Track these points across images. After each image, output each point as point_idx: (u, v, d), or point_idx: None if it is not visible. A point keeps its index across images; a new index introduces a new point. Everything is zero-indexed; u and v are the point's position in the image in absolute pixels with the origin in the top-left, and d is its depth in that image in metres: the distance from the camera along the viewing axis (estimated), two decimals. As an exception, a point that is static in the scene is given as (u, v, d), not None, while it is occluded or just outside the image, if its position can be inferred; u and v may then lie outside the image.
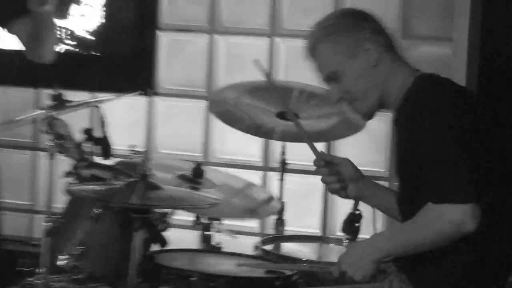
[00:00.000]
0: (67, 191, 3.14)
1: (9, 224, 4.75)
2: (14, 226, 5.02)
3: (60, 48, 4.94)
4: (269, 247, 3.55)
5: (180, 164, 3.82)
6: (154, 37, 4.96)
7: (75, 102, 3.29)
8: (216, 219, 3.67)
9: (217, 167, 4.64)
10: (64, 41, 5.01)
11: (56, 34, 3.39)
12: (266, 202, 3.77)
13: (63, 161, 3.37)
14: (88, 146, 3.43)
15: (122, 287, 3.19)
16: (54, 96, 3.20)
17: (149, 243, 3.23)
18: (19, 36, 3.31)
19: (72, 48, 5.04)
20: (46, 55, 3.31)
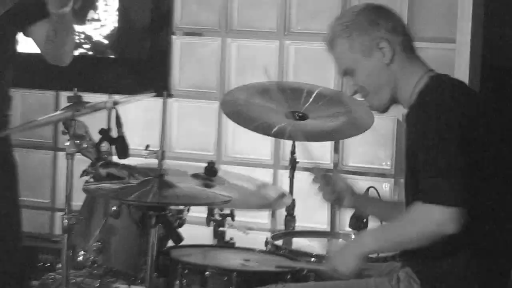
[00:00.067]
0: (85, 190, 3.16)
1: (30, 222, 4.83)
2: (35, 223, 5.08)
3: (78, 51, 4.94)
4: (279, 242, 3.55)
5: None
6: (168, 40, 4.96)
7: (92, 103, 3.32)
8: (229, 215, 3.68)
9: (229, 166, 4.68)
10: (81, 45, 5.02)
11: (75, 37, 3.39)
12: (279, 198, 3.80)
13: (81, 160, 3.36)
14: (105, 146, 3.41)
15: (139, 281, 3.24)
16: (72, 98, 3.15)
17: (165, 239, 3.24)
18: (36, 40, 3.31)
19: (89, 52, 5.06)
20: (65, 57, 3.32)
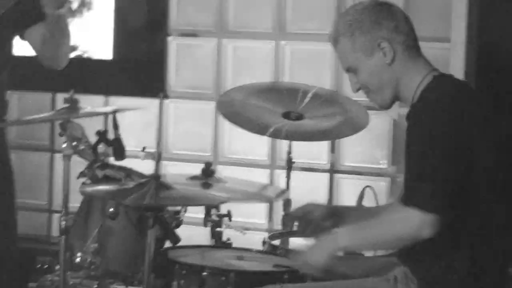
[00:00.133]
0: (82, 191, 3.17)
1: (28, 223, 4.84)
2: (32, 225, 5.08)
3: (74, 53, 4.95)
4: (276, 242, 3.54)
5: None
6: (164, 41, 4.97)
7: (91, 110, 3.31)
8: (226, 215, 3.67)
9: (226, 166, 4.73)
10: (77, 46, 5.03)
11: (70, 39, 3.36)
12: (280, 194, 3.81)
13: (78, 162, 3.37)
14: (101, 147, 3.43)
15: (137, 282, 3.27)
16: (68, 100, 3.14)
17: (162, 240, 3.26)
18: (32, 43, 3.31)
19: (85, 53, 5.08)
20: (61, 60, 3.32)
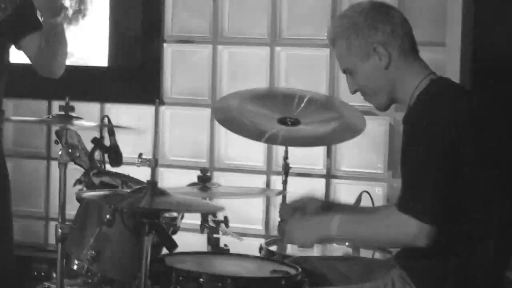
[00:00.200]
0: (78, 198, 3.17)
1: (24, 231, 4.85)
2: (29, 232, 5.09)
3: (69, 60, 4.99)
4: (273, 248, 3.59)
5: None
6: (159, 48, 4.98)
7: (88, 125, 3.33)
8: (222, 222, 3.66)
9: (223, 172, 4.73)
10: (72, 54, 5.00)
11: (67, 47, 3.40)
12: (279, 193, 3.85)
13: (74, 169, 3.38)
14: (98, 154, 3.44)
15: None
16: (64, 107, 3.15)
17: (159, 246, 3.23)
18: (28, 52, 3.33)
19: (80, 61, 5.07)
20: (57, 69, 3.34)
